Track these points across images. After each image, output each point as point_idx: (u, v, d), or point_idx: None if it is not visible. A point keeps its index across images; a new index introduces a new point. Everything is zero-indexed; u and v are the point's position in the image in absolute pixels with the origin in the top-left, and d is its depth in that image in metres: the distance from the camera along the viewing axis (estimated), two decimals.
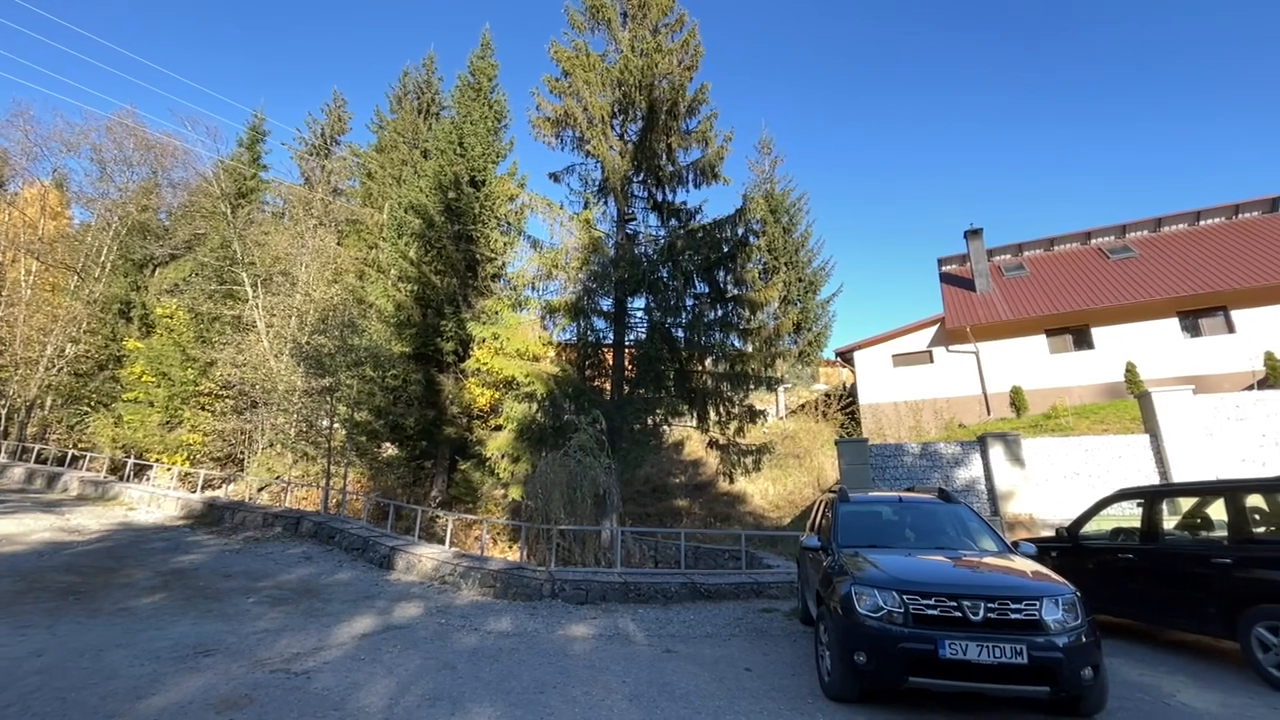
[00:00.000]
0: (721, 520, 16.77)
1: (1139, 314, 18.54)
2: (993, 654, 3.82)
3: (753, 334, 14.36)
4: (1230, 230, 20.58)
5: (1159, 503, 6.12)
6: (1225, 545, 5.30)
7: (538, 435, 13.54)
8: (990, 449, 10.20)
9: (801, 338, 25.95)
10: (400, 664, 5.51)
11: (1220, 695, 4.53)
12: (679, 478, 20.34)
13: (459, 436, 17.62)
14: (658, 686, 4.95)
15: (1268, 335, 16.50)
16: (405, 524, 15.62)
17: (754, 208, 14.89)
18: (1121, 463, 9.54)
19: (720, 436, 13.95)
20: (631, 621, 7.45)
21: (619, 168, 13.90)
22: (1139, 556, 6.01)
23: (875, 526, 5.83)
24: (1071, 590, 4.15)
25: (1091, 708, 4.04)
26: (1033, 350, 19.73)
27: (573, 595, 8.56)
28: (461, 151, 19.34)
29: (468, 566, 9.47)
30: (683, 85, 13.97)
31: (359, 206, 27.79)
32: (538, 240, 14.02)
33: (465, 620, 7.37)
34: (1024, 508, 9.74)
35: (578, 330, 13.97)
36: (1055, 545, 6.96)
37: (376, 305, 19.32)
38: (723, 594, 8.98)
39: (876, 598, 4.22)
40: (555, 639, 6.59)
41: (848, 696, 4.44)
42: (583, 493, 9.44)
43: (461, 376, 18.02)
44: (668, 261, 13.35)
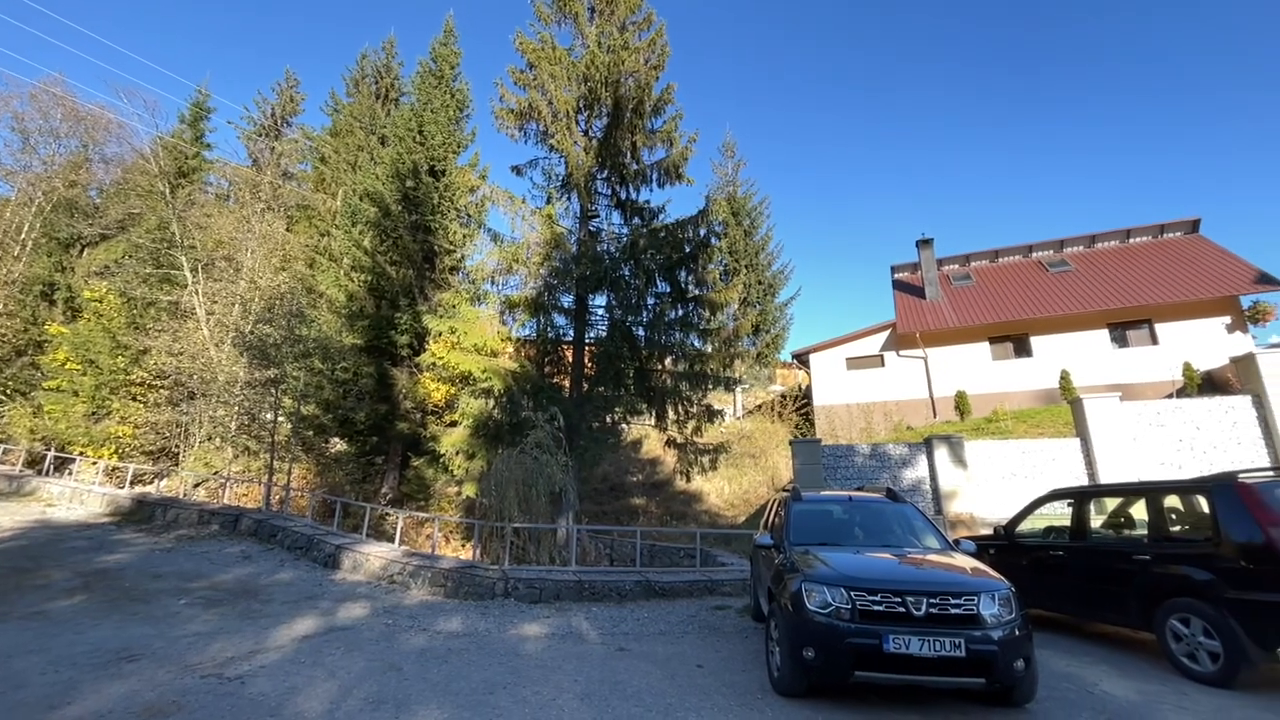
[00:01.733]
0: (678, 519, 16.89)
1: (1073, 325, 19.64)
2: (933, 648, 3.96)
3: (713, 334, 14.49)
4: (1156, 249, 22.01)
5: (1087, 503, 6.48)
6: (1145, 543, 5.65)
7: (494, 432, 13.32)
8: (935, 450, 10.60)
9: (760, 339, 26.37)
10: (343, 666, 5.32)
11: (1137, 684, 4.83)
12: (636, 476, 20.38)
13: (412, 432, 17.16)
14: (610, 685, 4.94)
15: (1187, 348, 17.74)
16: (353, 522, 15.12)
17: (716, 209, 15.01)
18: (1055, 464, 10.07)
19: (678, 435, 14.04)
20: (585, 620, 7.41)
21: (583, 164, 13.79)
22: (1068, 553, 6.35)
23: (826, 525, 5.97)
24: (1007, 586, 4.34)
25: (1023, 697, 4.24)
26: (977, 357, 20.63)
27: (526, 594, 8.45)
28: (421, 140, 18.81)
29: (418, 565, 9.23)
30: (649, 84, 13.97)
31: (310, 192, 26.69)
32: (498, 234, 13.79)
33: (414, 620, 7.18)
34: (965, 507, 10.16)
35: (538, 326, 13.80)
36: (993, 543, 7.28)
37: (327, 295, 18.61)
38: (677, 592, 9.04)
39: (825, 594, 4.32)
40: (507, 638, 6.50)
41: (796, 691, 4.53)
42: (539, 490, 9.33)
43: (416, 371, 17.55)
44: (630, 260, 13.34)
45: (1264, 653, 4.55)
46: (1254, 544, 4.66)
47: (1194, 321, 18.35)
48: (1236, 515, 4.84)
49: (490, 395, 13.27)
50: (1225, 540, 4.86)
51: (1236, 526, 4.81)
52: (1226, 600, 4.70)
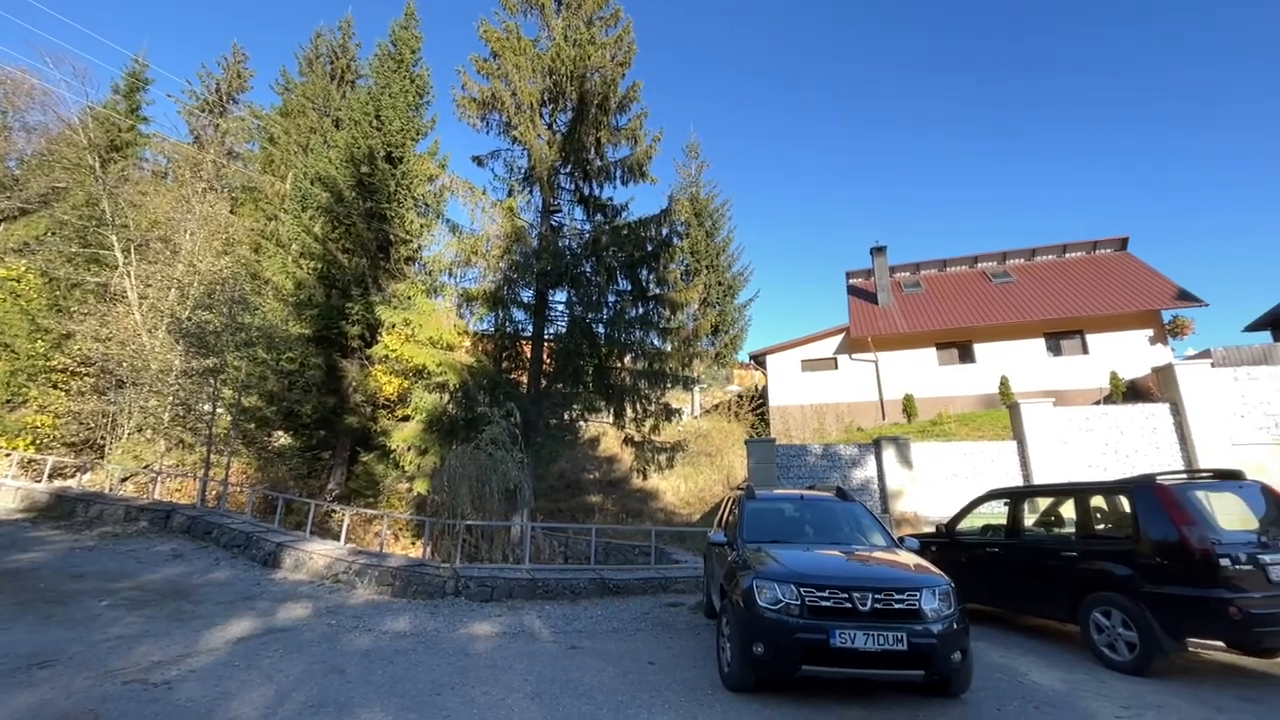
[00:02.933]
0: (634, 516, 16.93)
1: (1013, 333, 20.66)
2: (877, 641, 4.09)
3: (672, 333, 14.56)
4: (1088, 264, 23.37)
5: (1021, 502, 6.81)
6: (1072, 540, 5.99)
7: (448, 427, 13.03)
8: (884, 451, 10.96)
9: (719, 339, 26.68)
10: (281, 669, 5.10)
11: (1062, 673, 5.11)
12: (593, 474, 20.32)
13: (362, 426, 16.60)
14: (561, 683, 4.90)
15: (1114, 357, 18.93)
16: (296, 519, 14.53)
17: (679, 209, 15.08)
18: (994, 466, 10.57)
19: (636, 433, 14.05)
20: (538, 618, 7.34)
21: (546, 157, 13.63)
22: (1004, 550, 6.67)
23: (778, 523, 6.08)
24: (947, 581, 4.52)
25: (959, 687, 4.43)
26: (924, 361, 21.46)
27: (478, 593, 8.30)
28: (378, 124, 18.21)
29: (364, 564, 8.95)
30: (615, 80, 13.90)
31: (258, 173, 25.48)
32: (457, 225, 13.48)
33: (359, 621, 6.95)
34: (911, 506, 10.55)
35: (496, 320, 13.57)
36: (935, 540, 7.58)
37: (274, 282, 17.80)
38: (631, 589, 9.06)
39: (776, 591, 4.40)
40: (457, 638, 6.36)
41: (745, 686, 4.60)
42: (493, 487, 9.17)
43: (367, 363, 17.00)
44: (592, 256, 13.27)
45: (1174, 642, 4.90)
46: (1169, 541, 5.00)
47: (1121, 333, 19.60)
48: (1154, 514, 5.17)
49: (445, 390, 12.97)
50: (1144, 538, 5.19)
51: (1154, 525, 5.15)
52: (1143, 594, 5.02)
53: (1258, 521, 5.14)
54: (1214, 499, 5.22)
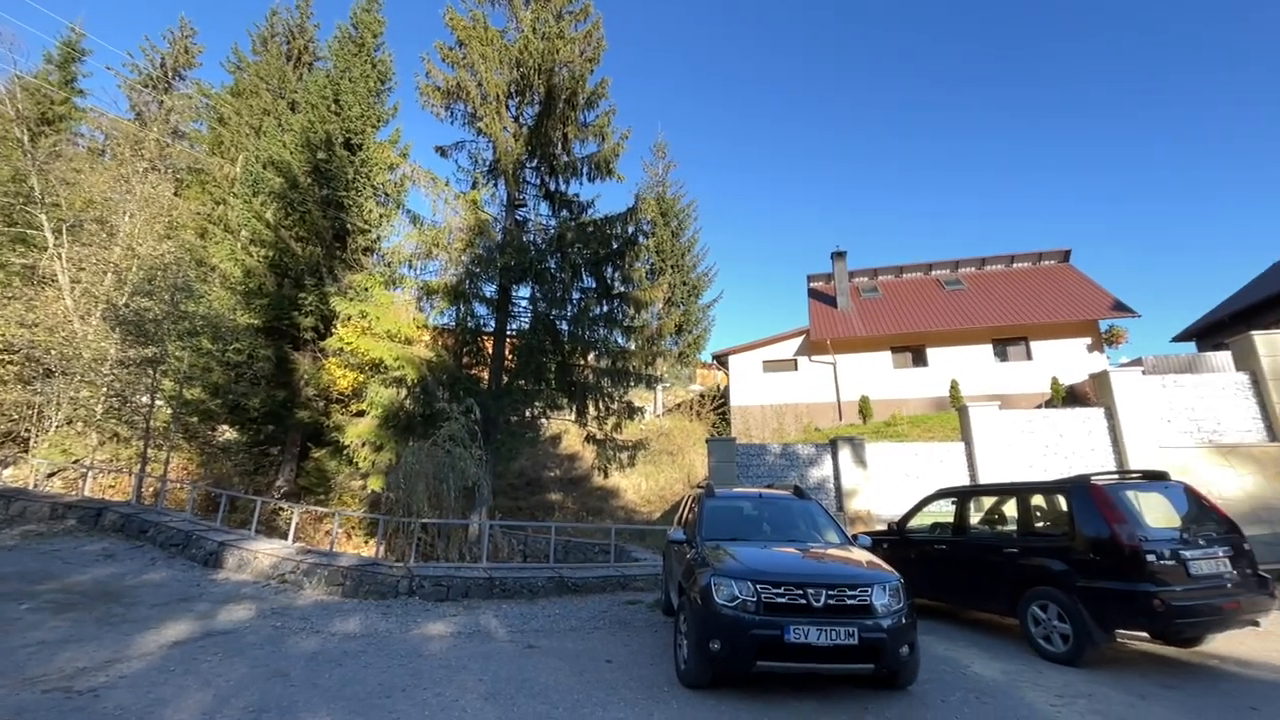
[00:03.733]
0: (594, 514, 16.89)
1: (964, 339, 21.49)
2: (830, 636, 4.18)
3: (637, 332, 14.56)
4: (1034, 274, 24.49)
5: (967, 501, 7.08)
6: (1014, 537, 6.26)
7: (405, 423, 12.71)
8: (840, 451, 11.24)
9: (682, 339, 26.84)
10: (220, 674, 4.88)
11: (1002, 664, 5.34)
12: (554, 471, 20.17)
13: (314, 421, 16.03)
14: (516, 683, 4.84)
15: (1055, 363, 19.91)
16: (241, 517, 13.96)
17: (646, 208, 15.08)
18: (943, 466, 10.97)
19: (598, 431, 14.01)
20: (494, 618, 7.24)
21: (512, 150, 13.43)
22: (950, 547, 6.92)
23: (737, 521, 6.15)
24: (897, 577, 4.65)
25: (906, 680, 4.58)
26: (880, 364, 22.10)
27: (432, 592, 8.13)
28: (337, 109, 17.60)
29: (314, 563, 8.64)
30: (583, 76, 13.81)
31: (205, 154, 24.28)
32: (418, 216, 13.14)
33: (306, 622, 6.71)
34: (864, 504, 10.85)
35: (457, 315, 13.31)
36: (887, 537, 7.81)
37: (221, 269, 17.01)
38: (590, 588, 9.02)
39: (733, 588, 4.45)
40: (409, 639, 6.21)
41: (701, 683, 4.64)
42: (450, 485, 8.99)
43: (321, 356, 16.41)
44: (557, 252, 13.14)
45: (1104, 634, 5.18)
46: (1101, 538, 5.28)
47: (1062, 341, 20.63)
48: (1089, 513, 5.46)
49: (402, 385, 12.64)
50: (1079, 535, 5.47)
51: (1088, 523, 5.43)
52: (1077, 588, 5.29)
53: (1180, 519, 5.48)
54: (1142, 498, 5.54)
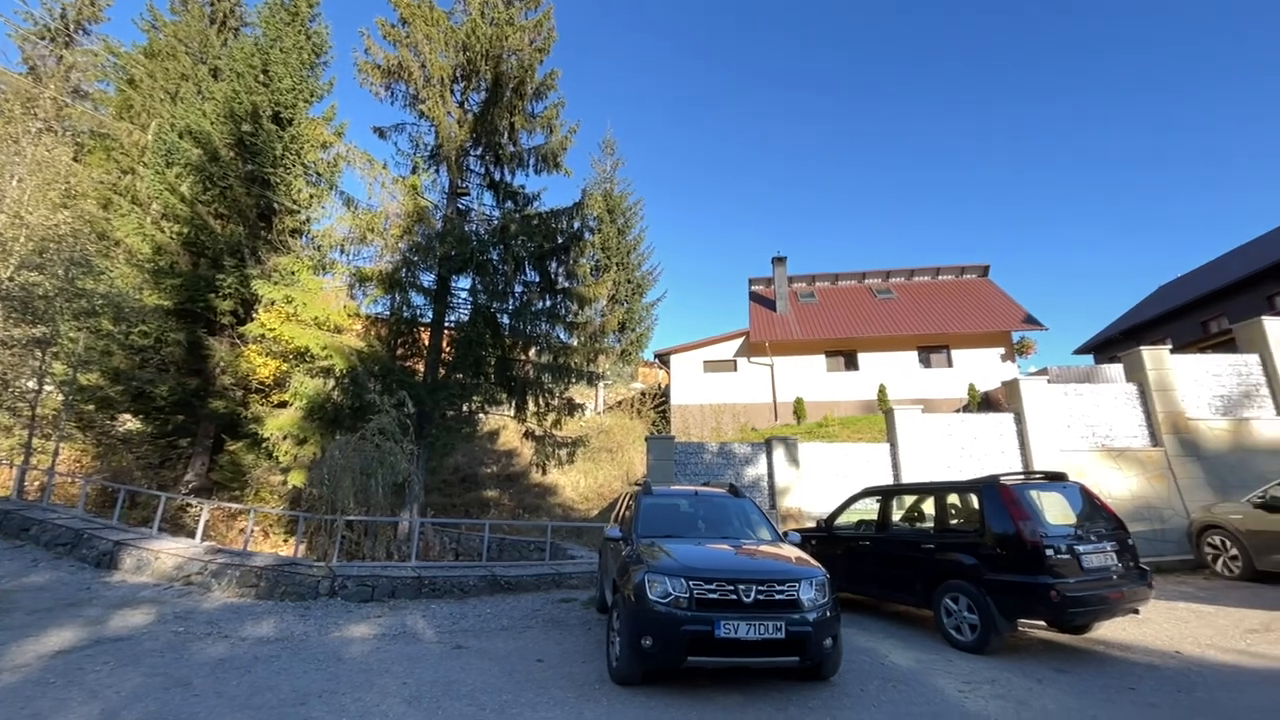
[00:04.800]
0: (531, 512, 16.66)
1: (892, 345, 22.61)
2: (758, 631, 4.28)
3: (579, 328, 14.46)
4: (956, 287, 26.07)
5: (890, 499, 7.44)
6: (931, 533, 6.62)
7: (332, 415, 12.10)
8: (774, 450, 11.56)
9: (625, 337, 26.87)
10: (110, 685, 4.47)
11: (917, 654, 5.64)
12: (491, 468, 19.75)
13: (230, 412, 14.99)
14: (442, 685, 4.69)
15: (972, 371, 21.27)
16: (143, 514, 12.92)
17: (592, 204, 15.00)
18: (870, 466, 11.49)
19: (538, 428, 13.82)
20: (422, 618, 7.00)
21: (456, 136, 13.03)
22: (873, 543, 7.25)
23: (673, 518, 6.20)
24: (823, 572, 4.82)
25: (829, 671, 4.75)
26: (815, 367, 22.92)
27: (356, 593, 7.77)
28: (266, 80, 16.51)
29: (224, 563, 8.08)
30: (532, 65, 13.56)
31: (112, 118, 22.18)
32: (353, 199, 12.53)
33: (213, 627, 6.26)
34: (796, 502, 11.21)
35: (392, 304, 12.77)
36: (815, 534, 8.09)
37: (127, 244, 15.62)
38: (523, 586, 8.88)
39: (667, 584, 4.48)
40: (329, 642, 5.91)
41: (632, 680, 4.65)
42: (379, 480, 8.61)
43: (240, 342, 15.37)
44: (500, 244, 12.85)
45: (1008, 623, 5.56)
46: (1007, 534, 5.66)
47: (979, 350, 22.06)
48: (997, 511, 5.84)
49: (330, 375, 12.02)
50: (988, 531, 5.84)
51: (997, 520, 5.81)
52: (985, 581, 5.65)
53: (1076, 517, 5.96)
54: (1044, 497, 5.99)
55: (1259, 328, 11.18)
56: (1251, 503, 7.98)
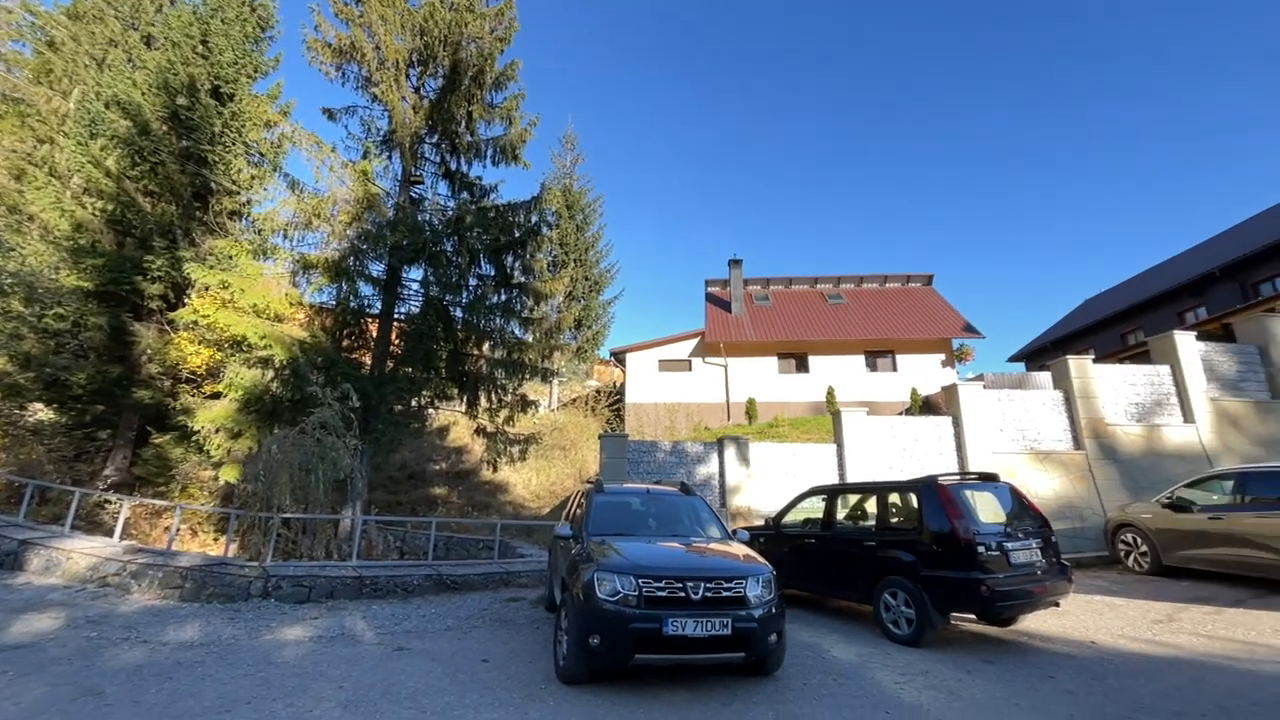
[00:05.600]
0: (481, 509, 16.35)
1: (840, 349, 23.31)
2: (705, 628, 4.33)
3: (535, 324, 14.28)
4: (902, 295, 27.10)
5: (835, 498, 7.66)
6: (873, 531, 6.85)
7: (270, 408, 11.53)
8: (726, 450, 11.73)
9: (581, 334, 26.71)
10: (9, 696, 4.13)
11: (857, 648, 5.83)
12: (440, 464, 19.28)
13: (157, 402, 14.07)
14: (381, 688, 4.53)
15: (915, 376, 22.17)
16: (55, 510, 12.02)
17: (551, 198, 14.81)
18: (818, 465, 11.81)
19: (490, 424, 13.57)
20: (362, 619, 6.75)
21: (410, 122, 12.63)
22: (819, 541, 7.45)
23: (624, 516, 6.20)
24: (769, 569, 4.92)
25: (773, 666, 4.85)
26: (767, 369, 23.40)
27: (292, 593, 7.44)
28: (205, 52, 15.57)
29: (145, 563, 7.59)
30: (492, 54, 13.28)
31: (28, 82, 20.47)
32: (298, 182, 11.96)
33: (131, 631, 5.87)
34: (746, 500, 11.41)
35: (338, 293, 12.27)
36: (763, 532, 8.25)
37: (43, 219, 14.45)
38: (471, 585, 8.71)
39: (616, 582, 4.47)
40: (260, 645, 5.63)
41: (579, 679, 4.62)
42: (319, 476, 8.25)
43: (170, 329, 14.45)
44: (454, 235, 12.54)
45: (942, 617, 5.81)
46: (943, 532, 5.91)
47: (922, 356, 23.01)
48: (935, 509, 6.09)
49: (269, 366, 11.46)
50: (926, 529, 6.09)
51: (934, 518, 6.06)
52: (922, 577, 5.89)
53: (1006, 515, 6.28)
54: (977, 497, 6.29)
55: (1170, 341, 12.09)
56: (1160, 503, 8.61)
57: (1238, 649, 5.26)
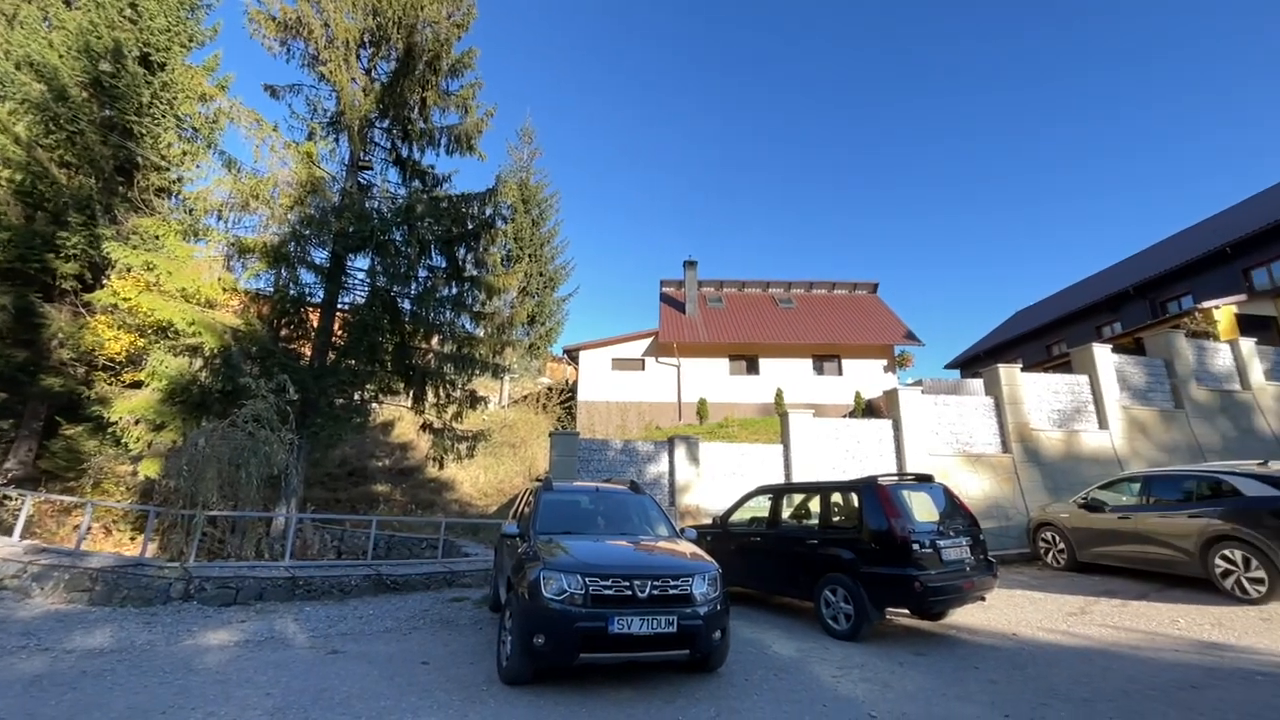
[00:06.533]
0: (425, 508, 15.90)
1: (790, 353, 23.91)
2: (651, 626, 4.34)
3: (487, 319, 14.01)
4: (848, 301, 28.04)
5: (781, 498, 7.84)
6: (816, 530, 7.05)
7: (198, 399, 10.87)
8: (676, 449, 11.83)
9: (534, 331, 26.39)
10: None
11: (798, 643, 5.98)
12: (383, 461, 18.65)
13: (68, 390, 13.04)
14: (313, 694, 4.33)
15: (859, 380, 22.96)
16: None
17: (507, 191, 14.54)
18: (765, 465, 12.07)
19: (437, 420, 13.22)
20: (294, 622, 6.45)
21: (360, 105, 12.15)
22: (764, 539, 7.61)
23: (573, 514, 6.15)
24: (715, 567, 4.98)
25: (717, 662, 4.91)
26: (719, 370, 23.74)
27: (216, 595, 7.03)
28: (134, 16, 14.55)
29: (50, 564, 7.02)
30: (449, 41, 12.93)
31: None
32: (236, 161, 11.31)
33: (30, 638, 5.41)
34: (695, 499, 11.54)
35: (277, 280, 11.68)
36: (711, 530, 8.36)
37: None
38: (412, 585, 8.45)
39: (563, 581, 4.42)
40: (179, 651, 5.29)
41: (522, 679, 4.55)
42: (251, 472, 7.82)
43: (85, 312, 13.42)
44: (404, 224, 12.13)
45: (878, 612, 6.04)
46: (881, 530, 6.14)
47: (866, 361, 23.87)
48: (874, 508, 6.32)
49: (198, 354, 10.80)
50: (865, 527, 6.31)
51: (873, 517, 6.29)
52: (860, 574, 6.10)
53: (939, 515, 6.58)
54: (914, 497, 6.56)
55: (1089, 353, 12.97)
56: (1076, 503, 9.22)
57: (1140, 639, 5.69)
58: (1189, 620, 6.18)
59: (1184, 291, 20.24)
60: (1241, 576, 6.77)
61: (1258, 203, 20.99)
